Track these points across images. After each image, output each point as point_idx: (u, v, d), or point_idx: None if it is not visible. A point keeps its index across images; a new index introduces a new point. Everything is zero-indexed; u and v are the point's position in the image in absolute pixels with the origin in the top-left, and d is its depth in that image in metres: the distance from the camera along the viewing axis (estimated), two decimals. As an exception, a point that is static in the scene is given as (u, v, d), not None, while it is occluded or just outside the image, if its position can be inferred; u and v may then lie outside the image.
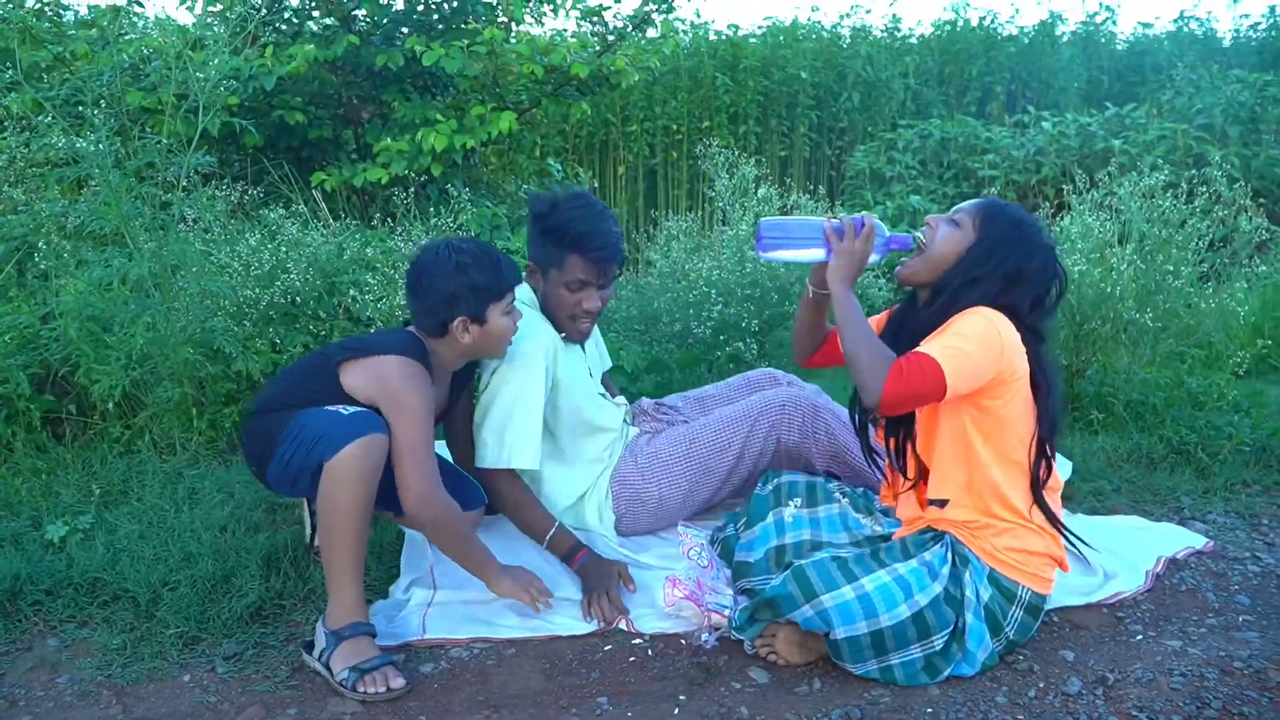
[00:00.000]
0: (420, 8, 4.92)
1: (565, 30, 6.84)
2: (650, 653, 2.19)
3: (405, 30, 4.90)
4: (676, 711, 1.96)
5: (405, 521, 2.38)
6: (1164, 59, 10.86)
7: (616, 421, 2.69)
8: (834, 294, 2.09)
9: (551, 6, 4.92)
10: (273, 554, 2.47)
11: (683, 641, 2.22)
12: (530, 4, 4.85)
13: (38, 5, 4.57)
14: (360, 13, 4.73)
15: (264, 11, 4.57)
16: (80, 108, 3.02)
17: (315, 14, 4.88)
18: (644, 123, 8.39)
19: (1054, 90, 10.40)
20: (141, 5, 4.53)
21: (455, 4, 4.86)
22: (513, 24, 5.00)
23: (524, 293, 2.55)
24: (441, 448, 2.76)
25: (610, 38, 4.94)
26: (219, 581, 2.36)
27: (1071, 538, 2.18)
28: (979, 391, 1.99)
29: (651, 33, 5.11)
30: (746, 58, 8.57)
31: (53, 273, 3.12)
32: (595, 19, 4.97)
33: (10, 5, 4.21)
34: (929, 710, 1.95)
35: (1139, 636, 2.22)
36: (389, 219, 3.89)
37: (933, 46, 9.97)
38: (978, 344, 1.95)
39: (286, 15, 4.90)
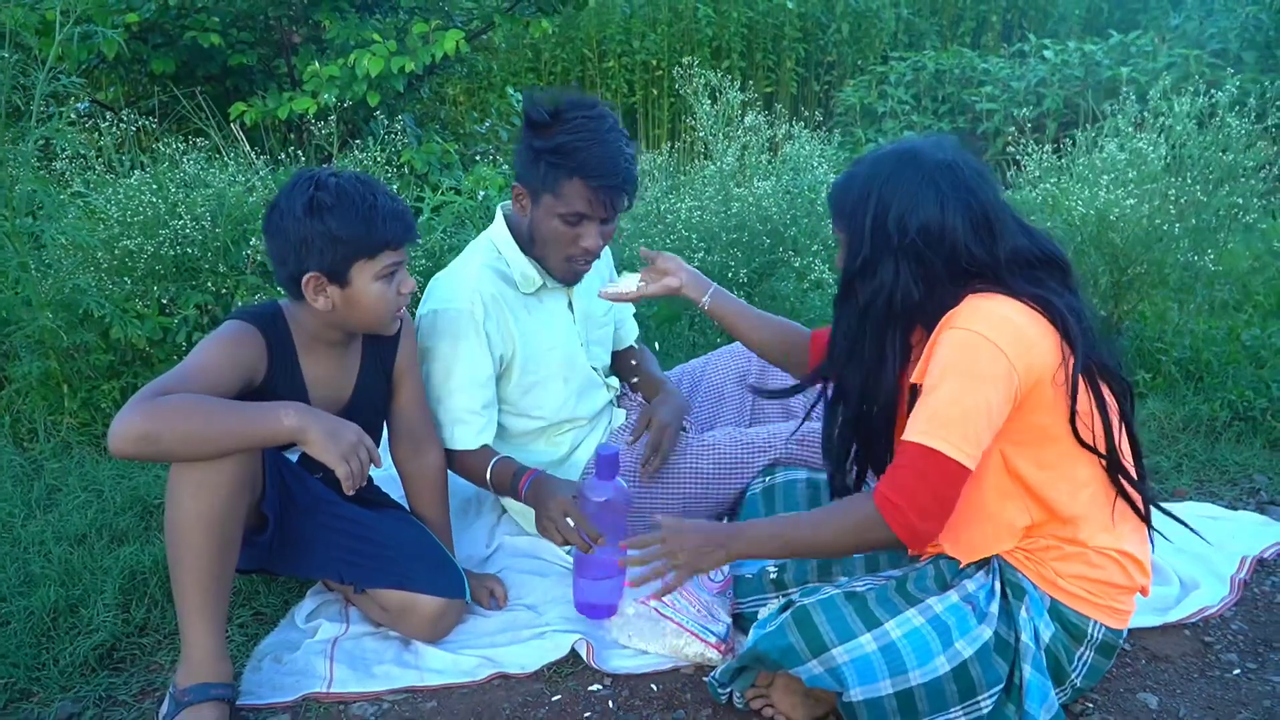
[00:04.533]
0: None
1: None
2: (612, 704, 1.70)
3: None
4: (640, 796, 1.48)
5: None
6: (1169, -17, 10.25)
7: (590, 409, 2.19)
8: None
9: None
10: (138, 574, 1.96)
11: (653, 687, 1.74)
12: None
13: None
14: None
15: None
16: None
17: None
18: (621, 58, 7.85)
19: (1052, 19, 9.86)
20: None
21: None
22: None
23: (496, 229, 2.05)
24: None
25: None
26: (64, 612, 1.86)
27: (1172, 519, 1.64)
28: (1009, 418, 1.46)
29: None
30: (730, -14, 7.96)
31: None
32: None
33: None
34: (977, 790, 1.47)
35: (1236, 670, 1.74)
36: (314, 155, 3.32)
37: (925, -28, 9.39)
38: (966, 379, 1.41)
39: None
